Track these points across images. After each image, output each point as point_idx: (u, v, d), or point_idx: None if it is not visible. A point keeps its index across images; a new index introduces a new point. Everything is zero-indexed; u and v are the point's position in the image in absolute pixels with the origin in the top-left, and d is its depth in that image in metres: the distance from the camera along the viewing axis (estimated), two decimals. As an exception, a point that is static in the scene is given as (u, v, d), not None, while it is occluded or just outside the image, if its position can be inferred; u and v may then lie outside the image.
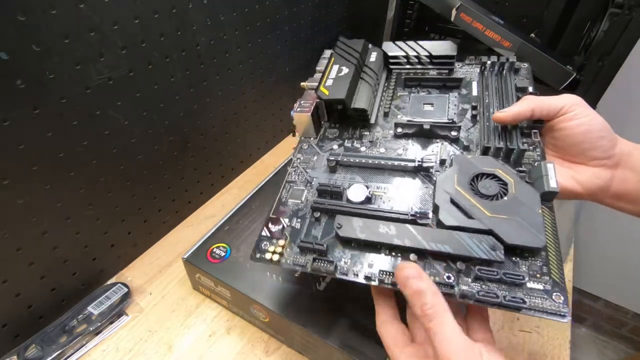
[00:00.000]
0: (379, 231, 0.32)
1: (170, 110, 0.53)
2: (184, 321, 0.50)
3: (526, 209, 0.30)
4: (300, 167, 0.41)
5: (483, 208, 0.31)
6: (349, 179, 0.38)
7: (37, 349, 0.44)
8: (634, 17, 0.51)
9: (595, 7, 0.55)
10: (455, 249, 0.29)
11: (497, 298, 0.28)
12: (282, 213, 0.37)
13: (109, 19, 0.41)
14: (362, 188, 0.36)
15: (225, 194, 0.68)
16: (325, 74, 0.43)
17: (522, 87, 0.41)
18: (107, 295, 0.50)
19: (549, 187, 0.31)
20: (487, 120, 0.39)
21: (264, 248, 0.36)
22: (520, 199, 0.31)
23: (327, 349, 0.41)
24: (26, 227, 0.42)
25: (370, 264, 0.32)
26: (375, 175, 0.38)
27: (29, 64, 0.37)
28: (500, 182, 0.32)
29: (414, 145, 0.40)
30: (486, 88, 0.42)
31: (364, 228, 0.32)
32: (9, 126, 0.37)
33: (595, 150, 0.35)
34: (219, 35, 0.55)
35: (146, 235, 0.58)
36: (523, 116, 0.36)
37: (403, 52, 0.47)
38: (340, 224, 0.33)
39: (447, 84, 0.44)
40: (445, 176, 0.34)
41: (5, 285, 0.43)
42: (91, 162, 0.46)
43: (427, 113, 0.42)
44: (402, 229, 0.32)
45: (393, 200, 0.36)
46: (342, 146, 0.42)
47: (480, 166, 0.34)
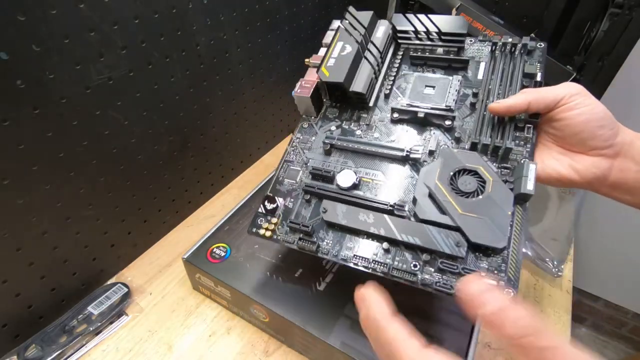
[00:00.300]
0: (359, 218, 0.35)
1: (170, 110, 0.53)
2: (184, 321, 0.50)
3: (497, 210, 0.32)
4: (299, 147, 0.43)
5: (456, 205, 0.33)
6: (342, 163, 0.40)
7: (37, 349, 0.44)
8: (634, 17, 0.51)
9: (595, 7, 0.55)
10: (424, 242, 0.33)
11: (452, 290, 0.31)
12: (278, 192, 0.41)
13: (109, 19, 0.41)
14: (350, 174, 0.38)
15: (225, 194, 0.68)
16: (328, 52, 0.42)
17: (530, 73, 0.39)
18: (107, 295, 0.50)
19: (525, 189, 0.32)
20: (485, 109, 0.38)
21: (259, 224, 0.40)
22: (494, 199, 0.32)
23: (327, 349, 0.41)
24: (26, 227, 0.42)
25: (349, 246, 0.36)
26: (366, 161, 0.40)
27: (29, 64, 0.37)
28: (480, 179, 0.34)
29: (409, 131, 0.40)
30: (493, 71, 0.41)
31: (346, 214, 0.36)
32: (9, 126, 0.37)
33: (595, 140, 0.34)
34: (219, 35, 0.55)
35: (146, 235, 0.58)
36: (518, 109, 0.35)
37: (412, 26, 0.45)
38: (325, 208, 0.36)
39: (453, 64, 0.43)
40: (429, 169, 0.35)
41: (5, 285, 0.43)
42: (91, 162, 0.46)
43: (426, 97, 0.42)
44: (379, 219, 0.35)
45: (379, 188, 0.38)
46: (340, 127, 0.43)
47: (464, 162, 0.35)
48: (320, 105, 0.45)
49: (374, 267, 0.34)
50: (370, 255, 0.35)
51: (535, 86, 0.38)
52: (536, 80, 0.38)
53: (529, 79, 0.39)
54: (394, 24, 0.45)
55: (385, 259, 0.34)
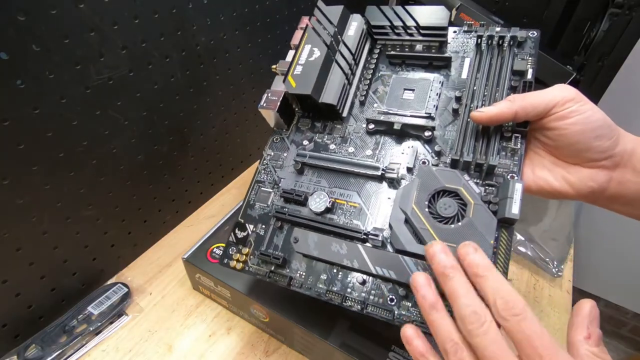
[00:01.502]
0: (332, 250, 0.33)
1: (170, 110, 0.53)
2: (184, 321, 0.49)
3: (478, 238, 0.29)
4: (270, 166, 0.40)
5: (434, 233, 0.30)
6: (315, 182, 0.38)
7: (37, 349, 0.44)
8: (634, 17, 0.51)
9: (595, 7, 0.55)
10: (399, 275, 0.30)
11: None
12: (249, 217, 0.38)
13: (109, 19, 0.41)
14: (323, 197, 0.36)
15: (225, 194, 0.68)
16: (295, 58, 0.39)
17: (519, 70, 0.35)
18: (107, 295, 0.50)
19: (510, 214, 0.29)
20: (469, 116, 0.35)
21: (230, 254, 0.38)
22: (475, 225, 0.29)
23: (327, 349, 0.41)
24: (26, 227, 0.42)
25: (323, 279, 0.34)
26: (341, 180, 0.37)
27: (29, 64, 0.37)
28: (461, 202, 0.31)
29: (386, 143, 0.37)
30: (478, 69, 0.37)
31: (318, 244, 0.34)
32: (9, 126, 0.37)
33: (592, 152, 0.31)
34: (219, 35, 0.55)
35: (146, 235, 0.58)
36: (502, 118, 0.32)
37: (388, 20, 0.40)
38: (297, 237, 0.34)
39: (434, 62, 0.39)
40: (405, 191, 0.32)
41: (5, 285, 0.43)
42: (91, 162, 0.46)
43: (405, 103, 0.38)
44: (353, 249, 0.33)
45: (354, 212, 0.35)
46: (313, 141, 0.40)
47: (444, 182, 0.32)
48: (291, 116, 0.41)
49: (349, 304, 0.32)
50: (343, 290, 0.33)
51: (524, 86, 0.34)
52: (525, 80, 0.34)
53: (518, 76, 0.35)
54: (368, 18, 0.41)
55: (361, 292, 0.32)
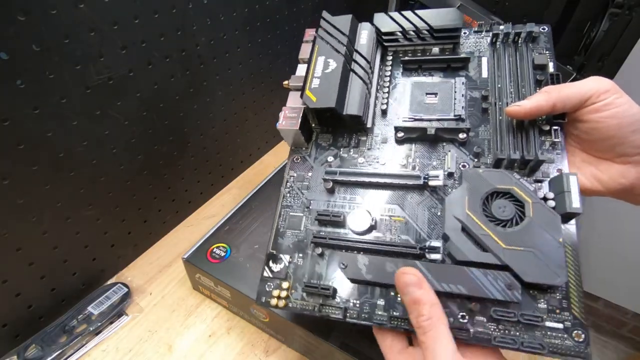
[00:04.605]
0: (387, 271, 0.30)
1: (170, 110, 0.53)
2: (184, 321, 0.49)
3: (545, 239, 0.27)
4: (295, 188, 0.36)
5: (497, 238, 0.28)
6: (349, 200, 0.34)
7: (37, 349, 0.44)
8: (634, 17, 0.51)
9: (595, 7, 0.55)
10: (469, 289, 0.27)
11: (515, 344, 0.27)
12: (282, 247, 0.34)
13: (109, 19, 0.41)
14: (364, 215, 0.33)
15: (225, 194, 0.68)
16: (310, 71, 0.36)
17: (541, 64, 0.35)
18: (107, 295, 0.50)
19: (571, 208, 0.28)
20: (500, 114, 0.34)
21: (268, 291, 0.33)
22: (538, 225, 0.28)
23: (327, 349, 0.41)
24: (26, 227, 0.42)
25: (381, 305, 0.30)
26: (377, 195, 0.34)
27: (29, 64, 0.37)
28: (516, 202, 0.29)
29: (418, 151, 0.35)
30: (498, 67, 0.36)
31: (370, 267, 0.30)
32: (9, 126, 0.37)
33: (626, 146, 0.29)
34: (219, 35, 0.55)
35: (146, 235, 0.58)
36: (542, 111, 0.31)
37: (398, 26, 0.39)
38: (344, 263, 0.31)
39: (452, 64, 0.38)
40: (455, 198, 0.30)
41: (5, 285, 0.43)
42: (91, 162, 0.46)
43: (430, 107, 0.36)
44: (410, 265, 0.29)
45: (400, 226, 0.32)
46: (338, 156, 0.37)
47: (494, 183, 0.30)
48: (310, 132, 0.39)
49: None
50: (404, 313, 0.29)
51: (552, 79, 0.33)
52: (551, 73, 0.33)
53: (539, 70, 0.35)
54: (377, 25, 0.39)
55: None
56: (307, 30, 0.40)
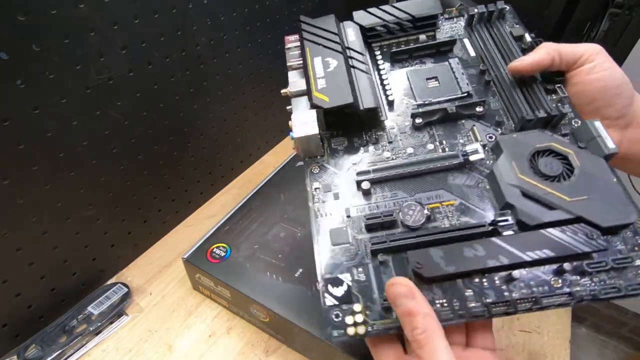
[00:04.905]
0: (467, 257, 0.27)
1: (170, 110, 0.53)
2: (184, 321, 0.50)
3: (601, 183, 0.28)
4: (327, 200, 0.33)
5: (559, 193, 0.27)
6: (391, 197, 0.32)
7: (37, 349, 0.44)
8: (634, 17, 0.52)
9: (595, 7, 0.55)
10: (556, 250, 0.26)
11: (620, 291, 0.26)
12: (334, 266, 0.30)
13: (109, 19, 0.41)
14: (416, 208, 0.30)
15: (225, 194, 0.68)
16: (310, 74, 0.34)
17: (519, 35, 0.36)
18: (107, 295, 0.50)
19: (609, 150, 0.28)
20: (503, 82, 0.34)
21: (340, 320, 0.28)
22: (589, 172, 0.28)
23: (327, 349, 0.41)
24: (26, 227, 0.42)
25: (470, 296, 0.27)
26: (418, 184, 0.32)
27: (29, 64, 0.37)
28: (558, 156, 0.29)
29: (440, 133, 0.34)
30: (483, 45, 0.37)
31: (447, 258, 0.27)
32: (9, 126, 0.37)
33: (609, 109, 0.31)
34: (219, 35, 0.55)
35: (146, 235, 0.58)
36: (543, 65, 0.32)
37: (381, 20, 0.38)
38: (419, 262, 0.27)
39: (441, 49, 0.38)
40: (502, 167, 0.29)
41: (5, 285, 0.43)
42: (91, 162, 0.46)
43: (434, 91, 0.36)
44: (490, 246, 0.27)
45: (454, 209, 0.30)
46: (361, 156, 0.34)
47: (533, 143, 0.30)
48: (322, 141, 0.36)
49: (515, 309, 0.27)
50: (501, 296, 0.27)
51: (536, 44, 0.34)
52: (535, 39, 0.35)
53: (519, 41, 0.36)
54: (360, 22, 0.39)
55: (520, 289, 0.27)
56: (286, 38, 0.38)
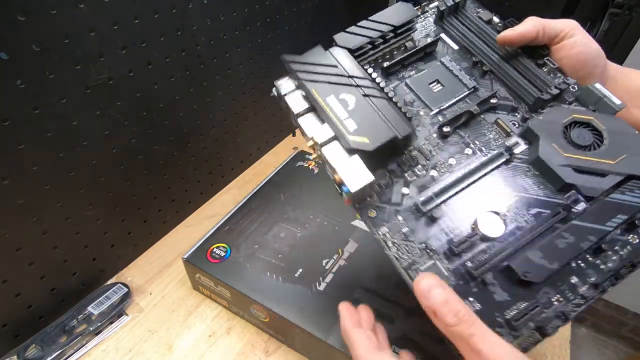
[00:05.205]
0: (562, 248, 0.27)
1: (170, 110, 0.53)
2: (184, 321, 0.50)
3: (630, 138, 0.30)
4: (400, 242, 0.31)
5: (604, 159, 0.29)
6: (459, 216, 0.31)
7: (37, 349, 0.44)
8: (634, 17, 0.52)
9: (595, 7, 0.55)
10: (626, 211, 0.28)
11: None
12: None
13: (109, 19, 0.41)
14: (493, 218, 0.30)
15: (225, 194, 0.68)
16: (332, 117, 0.31)
17: (488, 19, 0.38)
18: (107, 295, 0.50)
19: (618, 106, 0.31)
20: (499, 69, 0.35)
21: None
22: (615, 131, 0.30)
23: (327, 349, 0.41)
24: (26, 227, 0.42)
25: (578, 281, 0.28)
26: (475, 193, 0.31)
27: (29, 64, 0.37)
28: (583, 125, 0.31)
29: (468, 134, 0.34)
30: (462, 36, 0.38)
31: (547, 257, 0.27)
32: (9, 126, 0.37)
33: (589, 78, 0.34)
34: (219, 35, 0.55)
35: (146, 235, 0.58)
36: (530, 37, 0.34)
37: (366, 37, 0.37)
38: (526, 271, 0.27)
39: (427, 50, 0.38)
40: (546, 150, 0.30)
41: (5, 285, 0.43)
42: (91, 162, 0.46)
43: (442, 94, 0.36)
44: (575, 230, 0.28)
45: (517, 206, 0.30)
46: (409, 185, 0.33)
47: (559, 120, 0.31)
48: None
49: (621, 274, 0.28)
50: (597, 273, 0.28)
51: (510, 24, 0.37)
52: (510, 19, 0.37)
53: (490, 24, 0.38)
54: (347, 46, 0.36)
55: (611, 259, 0.28)
56: (277, 83, 0.35)
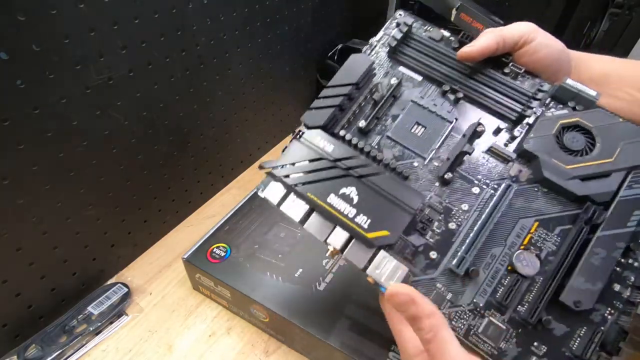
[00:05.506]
0: (598, 265, 0.28)
1: (170, 110, 0.53)
2: (184, 321, 0.50)
3: (618, 128, 0.31)
4: (448, 311, 0.30)
5: (603, 159, 0.30)
6: (493, 264, 0.30)
7: (37, 349, 0.44)
8: (634, 17, 0.52)
9: (595, 7, 0.56)
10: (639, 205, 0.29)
11: None
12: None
13: (109, 19, 0.41)
14: (524, 256, 0.30)
15: (225, 194, 0.68)
16: (342, 219, 0.29)
17: (440, 37, 0.37)
18: (107, 295, 0.50)
19: (595, 97, 0.32)
20: (471, 92, 0.35)
21: None
22: (602, 125, 0.31)
23: (327, 349, 0.41)
24: (26, 227, 0.42)
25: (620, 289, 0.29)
26: (499, 232, 0.31)
27: (29, 64, 0.37)
28: (572, 128, 0.32)
29: (468, 172, 0.33)
30: (421, 64, 0.36)
31: (589, 279, 0.28)
32: (9, 126, 0.37)
33: (557, 74, 0.34)
34: (219, 35, 0.55)
35: (146, 235, 0.58)
36: (490, 50, 0.33)
37: (331, 107, 0.34)
38: (576, 301, 0.27)
39: (395, 94, 0.36)
40: (549, 167, 0.31)
41: (5, 285, 0.43)
42: (91, 162, 0.46)
43: (428, 136, 0.34)
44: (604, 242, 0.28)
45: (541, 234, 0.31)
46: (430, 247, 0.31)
47: (548, 132, 0.32)
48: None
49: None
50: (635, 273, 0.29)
51: (467, 38, 0.35)
52: (464, 33, 0.36)
53: (442, 43, 0.36)
54: (317, 124, 0.34)
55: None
56: (263, 194, 0.34)
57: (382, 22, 0.40)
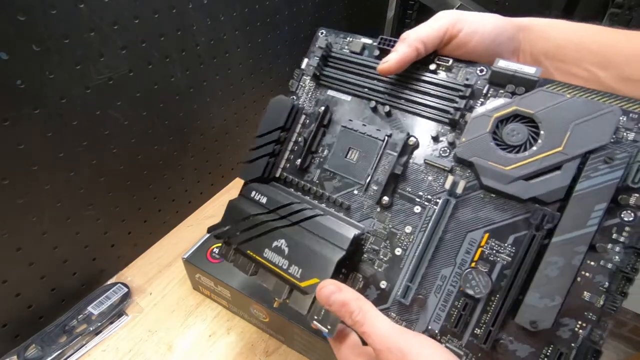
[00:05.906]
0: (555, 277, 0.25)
1: (170, 110, 0.53)
2: (184, 321, 0.50)
3: (565, 107, 0.25)
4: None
5: (550, 151, 0.26)
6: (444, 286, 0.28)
7: (37, 349, 0.44)
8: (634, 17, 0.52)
9: (595, 7, 0.56)
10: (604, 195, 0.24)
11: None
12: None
13: (109, 19, 0.41)
14: (473, 275, 0.27)
15: (225, 194, 0.68)
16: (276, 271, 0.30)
17: (361, 48, 0.34)
18: (107, 295, 0.50)
19: (535, 76, 0.27)
20: (401, 103, 0.32)
21: None
22: (545, 109, 0.26)
23: (327, 349, 0.41)
24: (26, 227, 0.42)
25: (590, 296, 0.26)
26: (447, 249, 0.29)
27: (29, 64, 0.37)
28: (510, 120, 0.27)
29: (407, 191, 0.31)
30: (347, 84, 0.34)
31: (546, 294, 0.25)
32: (9, 126, 0.37)
33: (503, 54, 0.32)
34: (219, 35, 0.55)
35: (146, 235, 0.58)
36: (409, 59, 0.30)
37: (264, 156, 0.35)
38: (532, 321, 0.25)
39: (324, 123, 0.34)
40: (487, 173, 0.27)
41: (5, 285, 0.43)
42: (91, 162, 0.46)
43: (364, 160, 0.32)
44: (562, 249, 0.25)
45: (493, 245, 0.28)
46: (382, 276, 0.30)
47: (483, 130, 0.28)
48: None
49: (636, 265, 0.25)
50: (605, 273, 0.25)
51: (387, 44, 0.32)
52: (382, 37, 0.32)
53: (365, 52, 0.34)
54: (253, 177, 0.35)
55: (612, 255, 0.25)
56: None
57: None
